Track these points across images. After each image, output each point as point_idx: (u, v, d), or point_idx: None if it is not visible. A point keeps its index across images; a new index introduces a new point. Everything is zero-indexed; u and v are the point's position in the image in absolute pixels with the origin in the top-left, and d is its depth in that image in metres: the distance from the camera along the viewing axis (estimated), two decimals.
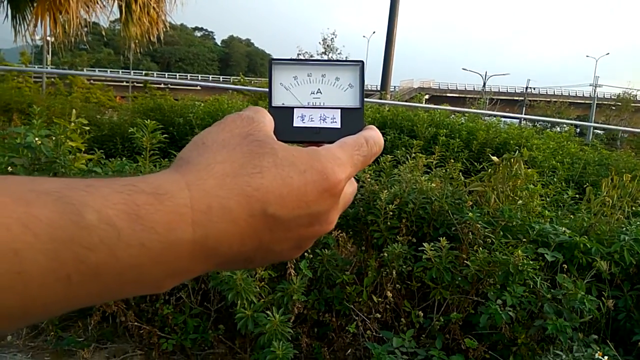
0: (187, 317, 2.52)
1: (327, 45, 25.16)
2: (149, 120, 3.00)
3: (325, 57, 25.10)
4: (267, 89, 0.42)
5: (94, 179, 0.30)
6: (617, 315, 2.57)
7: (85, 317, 2.64)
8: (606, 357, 2.03)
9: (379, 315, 2.46)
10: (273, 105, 0.42)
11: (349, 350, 2.45)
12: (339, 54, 25.26)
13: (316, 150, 0.35)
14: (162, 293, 2.53)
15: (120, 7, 6.58)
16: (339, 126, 0.41)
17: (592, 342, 2.20)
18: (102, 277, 0.27)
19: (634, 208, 3.10)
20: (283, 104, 0.42)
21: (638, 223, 2.92)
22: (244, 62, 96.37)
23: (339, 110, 0.42)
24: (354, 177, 0.39)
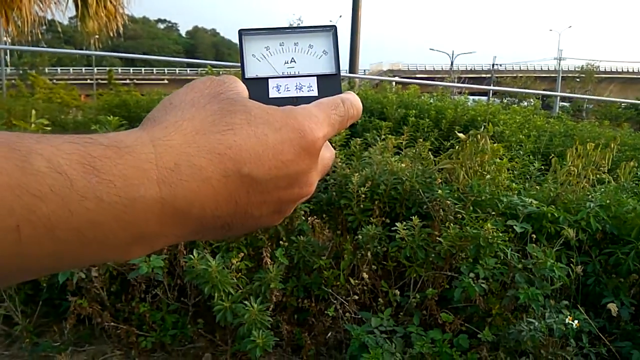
0: (165, 314, 2.49)
1: None
2: (112, 117, 2.92)
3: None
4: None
5: (47, 134, 0.27)
6: (587, 281, 2.66)
7: (61, 321, 2.59)
8: (576, 322, 2.11)
9: (357, 297, 2.48)
10: (246, 77, 0.40)
11: (330, 334, 2.47)
12: None
13: (292, 108, 0.33)
14: (138, 291, 2.50)
15: (75, 2, 6.36)
16: (316, 94, 0.40)
17: (564, 308, 2.27)
18: (56, 231, 0.24)
19: (598, 176, 3.20)
20: (257, 75, 0.40)
21: (602, 190, 3.01)
22: (211, 52, 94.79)
23: (315, 77, 0.41)
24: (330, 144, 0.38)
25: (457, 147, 2.93)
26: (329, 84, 0.40)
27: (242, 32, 0.41)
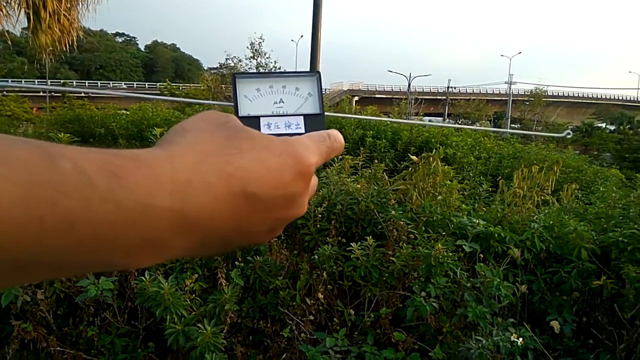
0: (114, 338, 2.42)
1: (255, 50, 25.00)
2: (63, 133, 2.84)
3: (255, 62, 24.98)
4: (192, 100, 0.44)
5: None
6: (532, 298, 2.78)
7: (3, 347, 2.45)
8: (521, 339, 2.20)
9: (313, 317, 2.49)
10: (240, 115, 0.44)
11: (285, 355, 2.46)
12: (267, 57, 25.16)
13: (288, 138, 0.38)
14: (86, 314, 2.41)
15: (27, 15, 6.15)
16: (303, 131, 0.44)
17: (510, 326, 2.36)
18: (76, 227, 0.26)
19: (542, 197, 3.37)
20: (249, 114, 0.44)
21: (546, 211, 3.17)
22: (171, 67, 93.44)
23: (302, 116, 0.45)
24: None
25: (410, 168, 3.02)
26: (314, 122, 0.45)
27: (235, 75, 0.45)
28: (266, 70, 25.36)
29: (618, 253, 2.76)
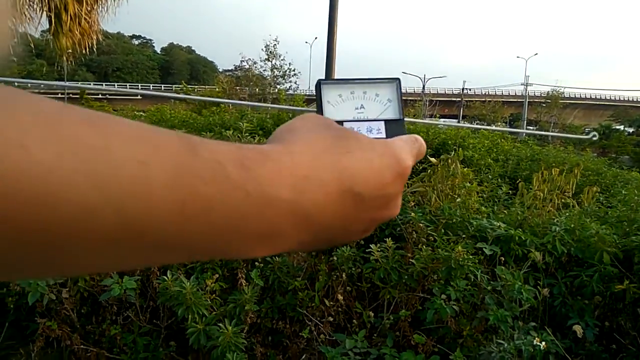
0: (137, 336, 2.45)
1: (270, 52, 25.10)
2: None
3: (270, 64, 25.07)
4: (209, 98, 0.45)
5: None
6: (553, 302, 2.75)
7: (28, 344, 2.50)
8: (544, 343, 2.17)
9: (332, 319, 2.50)
10: None
11: (304, 356, 2.47)
12: (282, 60, 25.27)
13: (387, 140, 0.39)
14: (109, 313, 2.45)
15: (49, 17, 6.25)
16: (384, 136, 0.46)
17: (531, 329, 2.34)
18: (211, 214, 0.28)
19: (562, 200, 3.33)
20: (333, 119, 0.45)
21: (567, 214, 3.14)
22: (186, 69, 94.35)
23: (383, 122, 0.46)
24: None
25: (429, 170, 3.01)
26: (394, 127, 0.46)
27: (320, 82, 0.47)
28: (282, 72, 25.52)
29: None
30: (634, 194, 3.35)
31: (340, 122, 0.45)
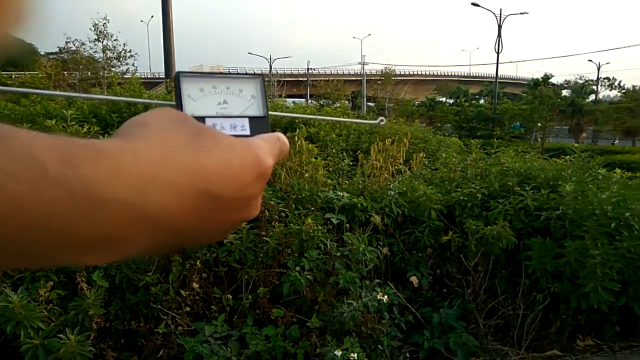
0: None
1: (100, 32, 22.77)
2: None
3: (101, 45, 22.84)
4: (33, 90, 0.39)
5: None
6: (394, 259, 3.06)
7: None
8: (386, 297, 2.41)
9: (189, 308, 2.43)
10: None
11: (162, 352, 2.37)
12: (114, 40, 23.09)
13: (247, 139, 0.37)
14: None
15: None
16: (248, 133, 0.44)
17: (377, 286, 2.58)
18: (25, 214, 0.25)
19: (396, 167, 3.68)
20: (193, 114, 0.42)
21: (400, 179, 3.49)
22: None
23: (247, 118, 0.45)
24: None
25: None
26: (259, 124, 0.45)
27: (180, 74, 0.44)
28: (116, 54, 23.39)
29: (460, 210, 3.16)
30: (453, 157, 3.85)
31: (202, 118, 0.43)
